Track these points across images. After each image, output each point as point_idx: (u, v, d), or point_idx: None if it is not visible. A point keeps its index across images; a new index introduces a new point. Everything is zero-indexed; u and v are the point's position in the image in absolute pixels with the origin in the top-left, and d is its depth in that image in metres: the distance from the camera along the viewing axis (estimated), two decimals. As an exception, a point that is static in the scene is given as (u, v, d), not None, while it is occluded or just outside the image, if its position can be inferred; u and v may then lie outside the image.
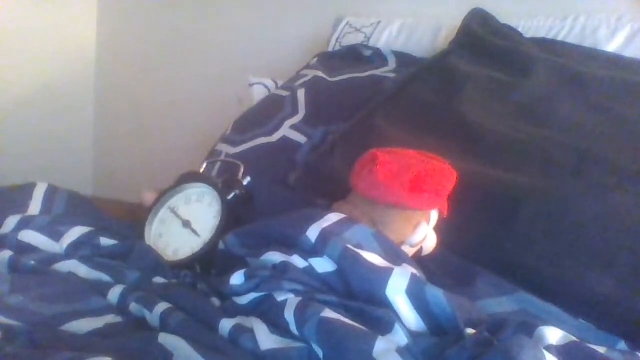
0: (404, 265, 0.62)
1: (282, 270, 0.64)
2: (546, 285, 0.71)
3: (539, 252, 0.74)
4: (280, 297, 0.60)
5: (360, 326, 0.55)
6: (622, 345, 0.63)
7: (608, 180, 0.80)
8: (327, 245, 0.62)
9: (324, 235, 0.64)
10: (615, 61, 1.13)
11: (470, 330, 0.56)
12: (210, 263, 0.77)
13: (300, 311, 0.56)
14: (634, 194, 0.78)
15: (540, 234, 0.76)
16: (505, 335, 0.53)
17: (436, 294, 0.58)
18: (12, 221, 0.83)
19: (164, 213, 0.86)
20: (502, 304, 0.67)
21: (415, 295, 0.58)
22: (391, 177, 0.62)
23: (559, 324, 0.59)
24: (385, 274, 0.59)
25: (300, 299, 0.58)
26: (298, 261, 0.64)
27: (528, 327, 0.56)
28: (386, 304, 0.59)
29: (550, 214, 0.77)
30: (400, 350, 0.52)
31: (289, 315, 0.57)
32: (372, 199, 0.63)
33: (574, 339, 0.55)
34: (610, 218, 0.75)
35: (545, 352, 0.50)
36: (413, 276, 0.60)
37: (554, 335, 0.55)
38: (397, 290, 0.58)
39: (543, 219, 0.77)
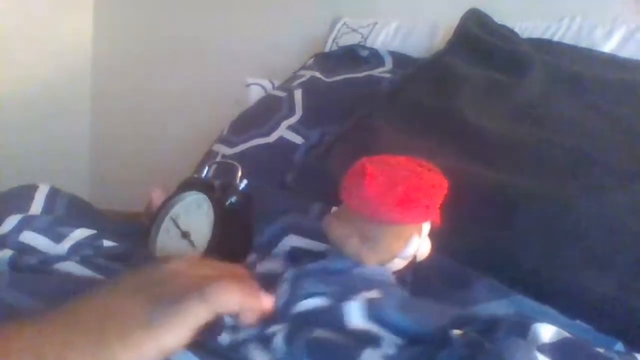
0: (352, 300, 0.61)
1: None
2: (544, 287, 0.71)
3: (537, 253, 0.74)
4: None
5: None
6: (620, 346, 0.63)
7: (605, 181, 0.80)
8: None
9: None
10: (611, 61, 1.14)
11: (457, 331, 0.55)
12: None
13: (289, 336, 0.56)
14: (631, 194, 0.78)
15: (537, 235, 0.76)
16: (498, 335, 0.53)
17: (391, 313, 0.57)
18: (12, 220, 0.82)
19: (167, 223, 0.84)
20: (497, 307, 0.66)
21: (378, 319, 0.57)
22: (380, 192, 0.60)
23: (555, 326, 0.59)
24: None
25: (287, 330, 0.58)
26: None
27: (521, 326, 0.55)
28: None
29: (547, 215, 0.77)
30: (387, 357, 0.52)
31: (278, 341, 0.56)
32: (363, 215, 0.62)
33: (567, 334, 0.55)
34: (607, 218, 0.75)
35: (538, 353, 0.50)
36: (366, 303, 0.58)
37: (547, 332, 0.55)
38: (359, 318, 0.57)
39: (540, 220, 0.77)
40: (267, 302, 0.53)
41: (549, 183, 0.81)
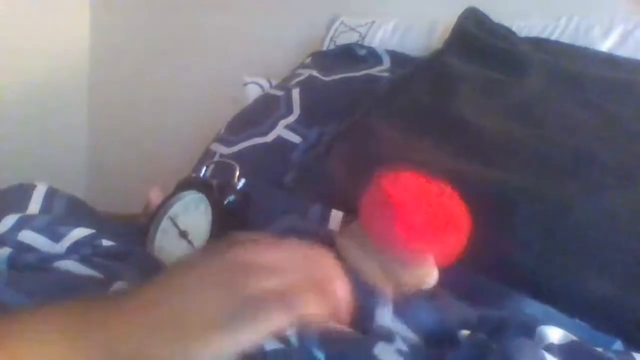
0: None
1: None
2: (543, 286, 0.71)
3: (536, 253, 0.74)
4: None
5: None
6: (619, 344, 0.64)
7: (604, 180, 0.80)
8: None
9: None
10: (608, 60, 1.14)
11: (465, 332, 0.55)
12: None
13: (301, 327, 0.56)
14: (631, 194, 0.78)
15: (536, 234, 0.76)
16: (506, 336, 0.53)
17: (420, 312, 0.57)
18: (9, 220, 0.82)
19: (165, 223, 0.84)
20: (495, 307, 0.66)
21: (403, 315, 0.57)
22: (410, 230, 0.59)
23: (553, 324, 0.59)
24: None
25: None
26: None
27: (529, 327, 0.56)
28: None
29: (546, 214, 0.77)
30: (400, 352, 0.52)
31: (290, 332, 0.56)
32: (388, 249, 0.60)
33: (574, 338, 0.56)
34: (606, 217, 0.75)
35: (545, 353, 0.50)
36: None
37: (555, 334, 0.55)
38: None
39: (539, 219, 0.77)
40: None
41: (548, 182, 0.81)
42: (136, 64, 2.01)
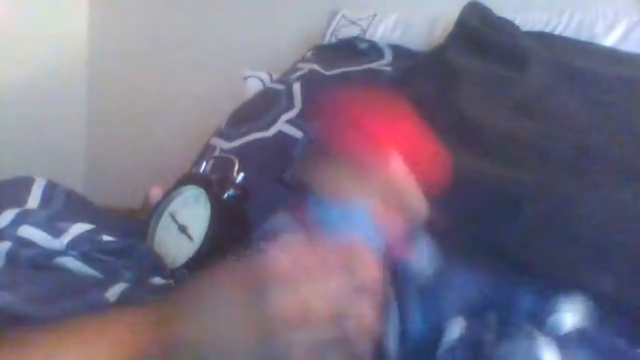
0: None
1: None
2: (546, 282, 0.71)
3: (538, 249, 0.74)
4: None
5: None
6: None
7: (607, 176, 0.80)
8: None
9: None
10: (612, 55, 1.13)
11: (457, 328, 0.55)
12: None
13: None
14: (633, 190, 0.77)
15: (539, 230, 0.75)
16: (518, 320, 0.53)
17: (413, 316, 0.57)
18: (8, 215, 0.82)
19: (165, 219, 0.84)
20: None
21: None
22: (369, 122, 0.59)
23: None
24: None
25: None
26: None
27: (540, 317, 0.55)
28: None
29: (549, 211, 0.76)
30: None
31: None
32: (354, 154, 0.59)
33: (584, 325, 0.55)
34: (609, 214, 0.75)
35: (544, 351, 0.49)
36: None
37: (568, 320, 0.55)
38: None
39: (542, 215, 0.76)
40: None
41: (550, 179, 0.81)
42: (136, 57, 2.01)
